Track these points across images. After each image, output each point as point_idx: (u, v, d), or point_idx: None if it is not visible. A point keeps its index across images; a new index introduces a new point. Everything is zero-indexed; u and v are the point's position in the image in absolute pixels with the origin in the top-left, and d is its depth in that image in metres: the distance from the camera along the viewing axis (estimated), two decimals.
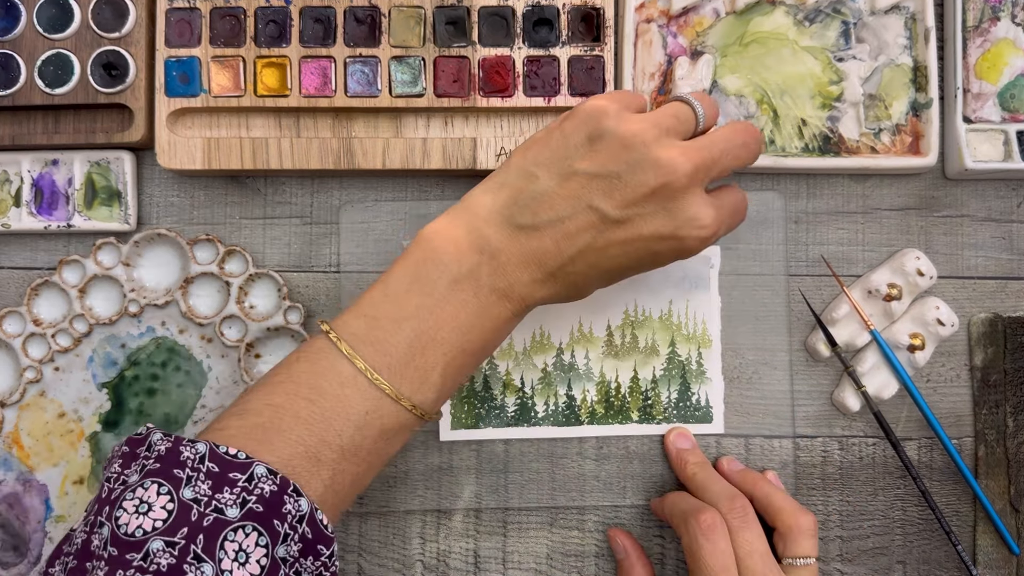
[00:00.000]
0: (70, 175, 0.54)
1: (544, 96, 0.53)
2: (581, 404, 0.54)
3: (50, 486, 0.54)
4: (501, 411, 0.54)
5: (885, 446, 0.55)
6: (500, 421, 0.54)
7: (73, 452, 0.54)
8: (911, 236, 0.56)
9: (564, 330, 0.54)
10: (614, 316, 0.54)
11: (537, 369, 0.54)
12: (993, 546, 0.54)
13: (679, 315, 0.54)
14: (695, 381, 0.54)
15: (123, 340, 0.54)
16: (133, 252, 0.54)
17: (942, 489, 0.55)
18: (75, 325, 0.54)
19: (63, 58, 0.53)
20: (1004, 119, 0.54)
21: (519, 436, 0.54)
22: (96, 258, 0.54)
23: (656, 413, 0.54)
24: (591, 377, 0.54)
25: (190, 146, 0.52)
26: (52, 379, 0.54)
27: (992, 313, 0.55)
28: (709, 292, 0.54)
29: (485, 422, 0.54)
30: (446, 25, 0.53)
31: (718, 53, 0.54)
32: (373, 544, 0.54)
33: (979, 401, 0.55)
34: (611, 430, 0.54)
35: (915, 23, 0.54)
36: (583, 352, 0.54)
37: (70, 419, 0.54)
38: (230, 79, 0.53)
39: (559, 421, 0.54)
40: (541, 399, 0.54)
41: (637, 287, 0.54)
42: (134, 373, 0.54)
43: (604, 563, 0.54)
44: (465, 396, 0.54)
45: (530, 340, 0.54)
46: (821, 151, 0.54)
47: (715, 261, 0.54)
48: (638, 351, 0.54)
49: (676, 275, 0.54)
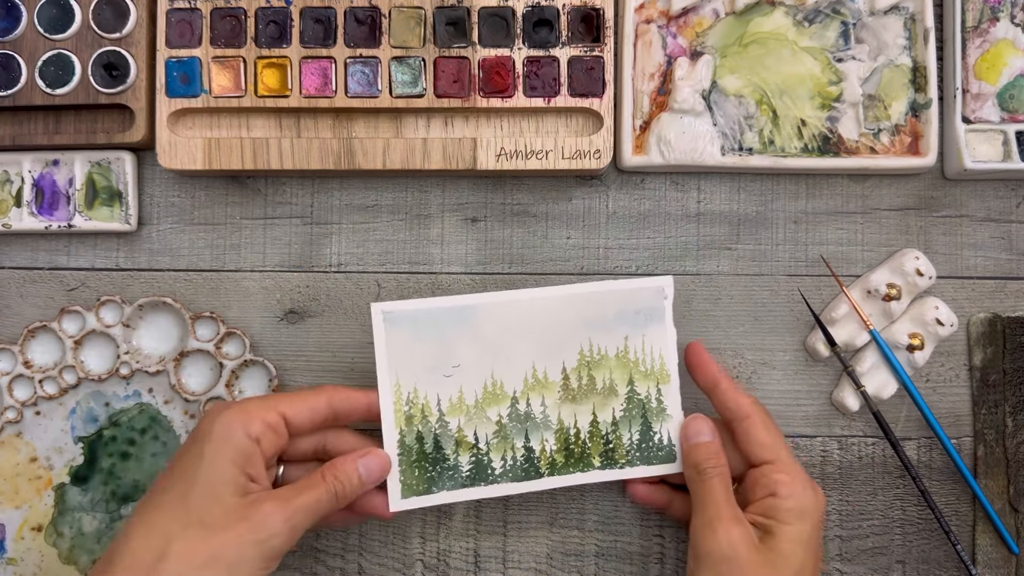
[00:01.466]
0: (71, 175, 0.54)
1: (544, 96, 0.53)
2: (540, 455, 0.51)
3: (8, 527, 0.54)
4: (455, 471, 0.50)
5: (884, 446, 0.55)
6: (455, 483, 0.50)
7: (37, 498, 0.54)
8: (910, 236, 0.56)
9: (517, 377, 0.50)
10: (569, 357, 0.51)
11: (491, 422, 0.50)
12: (992, 546, 0.54)
13: (636, 351, 0.51)
14: (656, 419, 0.51)
15: (108, 399, 0.54)
16: (135, 314, 0.54)
17: (941, 489, 0.55)
18: (64, 375, 0.54)
19: (64, 58, 0.53)
20: (1003, 119, 0.55)
21: (475, 497, 0.50)
22: (98, 313, 0.54)
23: (619, 457, 0.51)
24: (549, 425, 0.51)
25: (191, 146, 0.52)
26: (31, 422, 0.54)
27: (991, 313, 0.55)
28: (664, 325, 0.51)
29: (438, 485, 0.50)
30: (446, 26, 0.53)
31: (718, 54, 0.54)
32: (373, 543, 0.55)
33: (978, 401, 0.55)
34: (572, 479, 0.51)
35: (914, 23, 0.55)
36: (539, 399, 0.51)
37: (41, 465, 0.54)
38: (231, 79, 0.53)
39: (518, 476, 0.50)
40: (498, 454, 0.50)
41: (590, 325, 0.51)
42: (112, 434, 0.54)
43: (604, 562, 0.55)
44: (415, 460, 0.49)
45: (482, 391, 0.50)
46: (820, 151, 0.54)
47: (668, 292, 0.51)
48: (596, 392, 0.51)
49: (629, 310, 0.51)
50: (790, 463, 0.48)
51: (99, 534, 0.54)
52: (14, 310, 0.55)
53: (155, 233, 0.55)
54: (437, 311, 0.50)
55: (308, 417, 0.47)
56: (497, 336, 0.50)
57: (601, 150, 0.53)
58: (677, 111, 0.53)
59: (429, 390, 0.50)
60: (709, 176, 0.56)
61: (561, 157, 0.52)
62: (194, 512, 0.43)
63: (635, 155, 0.54)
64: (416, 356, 0.49)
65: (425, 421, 0.50)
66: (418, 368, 0.49)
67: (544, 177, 0.56)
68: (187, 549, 0.42)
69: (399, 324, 0.49)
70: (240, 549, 0.42)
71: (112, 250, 0.55)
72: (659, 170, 0.55)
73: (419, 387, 0.50)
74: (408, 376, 0.49)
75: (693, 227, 0.56)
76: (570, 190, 0.56)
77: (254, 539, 0.43)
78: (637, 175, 0.56)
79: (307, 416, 0.47)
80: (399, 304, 0.50)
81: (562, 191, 0.56)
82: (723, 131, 0.54)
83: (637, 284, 0.51)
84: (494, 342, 0.50)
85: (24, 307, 0.55)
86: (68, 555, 0.54)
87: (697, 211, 0.56)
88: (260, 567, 0.43)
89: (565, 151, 0.53)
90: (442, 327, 0.50)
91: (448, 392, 0.50)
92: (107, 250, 0.55)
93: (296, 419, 0.46)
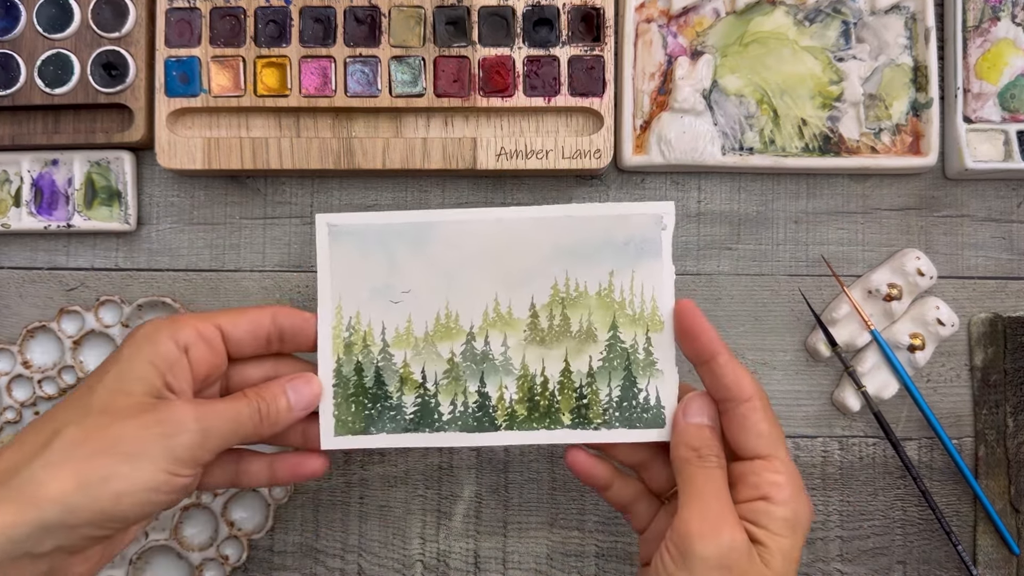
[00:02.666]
0: (70, 175, 0.54)
1: (544, 96, 0.53)
2: (497, 404, 0.44)
3: None
4: (398, 412, 0.44)
5: (885, 446, 0.55)
6: (396, 425, 0.44)
7: None
8: (911, 236, 0.56)
9: (476, 309, 0.44)
10: (539, 292, 0.44)
11: (442, 359, 0.44)
12: (993, 546, 0.54)
13: (622, 290, 0.44)
14: (642, 374, 0.44)
15: None
16: (134, 315, 0.54)
17: (942, 489, 0.55)
18: (63, 375, 0.53)
19: (63, 58, 0.53)
20: (1004, 119, 0.54)
21: (419, 444, 0.44)
22: (97, 313, 0.53)
23: (593, 416, 0.44)
24: (510, 370, 0.44)
25: (190, 146, 0.52)
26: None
27: (992, 313, 0.55)
28: (661, 260, 0.44)
29: (377, 426, 0.44)
30: (446, 25, 0.53)
31: (718, 53, 0.54)
32: (373, 544, 0.54)
33: (979, 401, 0.55)
34: (535, 437, 0.44)
35: (915, 23, 0.54)
36: (500, 338, 0.44)
37: None
38: (230, 79, 0.53)
39: (469, 426, 0.44)
40: (447, 397, 0.44)
41: (568, 255, 0.44)
42: None
43: (605, 563, 0.54)
44: (352, 394, 0.44)
45: (433, 323, 0.44)
46: (821, 151, 0.54)
47: (668, 221, 0.44)
48: (570, 336, 0.44)
49: (618, 239, 0.44)
50: (787, 463, 0.41)
51: None
52: (13, 310, 0.55)
53: (154, 233, 0.55)
54: (389, 227, 0.44)
55: (248, 331, 0.42)
56: (455, 260, 0.44)
57: (601, 150, 0.52)
58: (678, 111, 0.53)
59: (374, 316, 0.44)
60: (709, 176, 0.56)
61: (561, 157, 0.52)
62: (97, 401, 0.38)
63: (635, 155, 0.54)
64: (362, 277, 0.44)
65: (367, 351, 0.44)
66: (363, 291, 0.44)
67: (544, 177, 0.55)
68: (80, 435, 0.37)
69: (346, 239, 0.44)
70: (142, 441, 0.37)
71: (111, 250, 0.55)
72: (659, 170, 0.55)
73: (363, 312, 0.44)
74: (352, 299, 0.44)
75: (693, 227, 0.55)
76: (570, 190, 0.56)
77: (160, 432, 0.38)
78: (637, 175, 0.56)
79: (246, 330, 0.42)
80: (347, 216, 0.44)
81: (562, 191, 0.56)
82: (724, 131, 0.54)
83: (629, 208, 0.44)
84: (451, 267, 0.44)
85: (23, 307, 0.55)
86: None
87: (697, 211, 0.56)
88: (165, 467, 0.38)
89: (565, 151, 0.52)
90: (393, 246, 0.44)
91: (395, 321, 0.44)
92: (106, 250, 0.55)
93: (234, 333, 0.42)
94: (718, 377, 0.42)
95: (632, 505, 0.46)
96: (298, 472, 0.45)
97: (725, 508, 0.40)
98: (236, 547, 0.52)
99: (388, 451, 0.54)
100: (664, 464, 0.45)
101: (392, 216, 0.44)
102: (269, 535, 0.54)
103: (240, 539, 0.52)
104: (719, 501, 0.40)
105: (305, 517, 0.54)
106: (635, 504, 0.46)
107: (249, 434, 0.41)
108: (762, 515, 0.40)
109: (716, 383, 0.42)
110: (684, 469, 0.41)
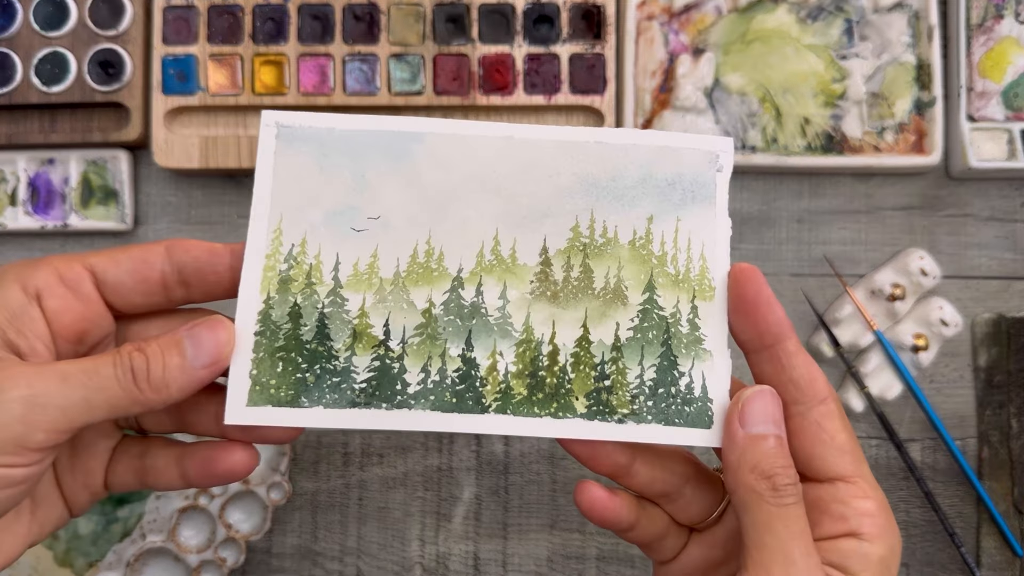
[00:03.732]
0: (66, 174, 0.54)
1: (544, 94, 0.53)
2: (487, 376, 0.32)
3: None
4: (344, 378, 0.32)
5: (889, 447, 0.55)
6: (339, 396, 0.31)
7: None
8: (915, 236, 0.55)
9: (468, 248, 0.33)
10: (554, 234, 0.33)
11: (415, 310, 0.32)
12: (997, 548, 0.54)
13: (663, 241, 0.34)
14: (685, 353, 0.33)
15: None
16: None
17: (946, 491, 0.55)
18: None
19: (59, 56, 0.52)
20: (1008, 118, 0.54)
21: (371, 426, 0.31)
22: None
23: (617, 403, 0.32)
24: (508, 331, 0.33)
25: (187, 145, 0.52)
26: None
27: (996, 313, 0.55)
28: (714, 209, 0.34)
29: (312, 396, 0.31)
30: (446, 22, 0.53)
31: (720, 51, 0.54)
32: (372, 546, 0.54)
33: (983, 402, 0.55)
34: (536, 427, 0.32)
35: (918, 21, 0.54)
36: (497, 288, 0.33)
37: None
38: (227, 77, 0.52)
39: (445, 403, 0.32)
40: (417, 362, 0.32)
41: (595, 189, 0.34)
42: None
43: (605, 566, 0.54)
44: (281, 347, 0.32)
45: (407, 261, 0.33)
46: (824, 150, 0.54)
47: (724, 161, 0.34)
48: (592, 295, 0.33)
49: (660, 177, 0.34)
50: (875, 485, 0.32)
51: (95, 536, 0.54)
52: None
53: (151, 232, 0.55)
54: (359, 134, 0.33)
55: (132, 272, 0.31)
56: (444, 184, 0.33)
57: None
58: (679, 109, 0.53)
59: (326, 246, 0.33)
60: None
61: None
62: None
63: None
64: (315, 193, 0.33)
65: (310, 290, 0.32)
66: (314, 210, 0.33)
67: None
68: None
69: (298, 144, 0.33)
70: None
71: None
72: None
73: (311, 239, 0.33)
74: (297, 220, 0.33)
75: None
76: None
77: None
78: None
79: (129, 271, 0.31)
80: (304, 116, 0.33)
81: None
82: (726, 129, 0.54)
83: (677, 140, 0.34)
84: (438, 192, 0.33)
85: None
86: (64, 558, 0.54)
87: None
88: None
89: None
90: (363, 158, 0.33)
91: (354, 254, 0.33)
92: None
93: (112, 275, 0.31)
94: (785, 369, 0.32)
95: (658, 542, 0.36)
96: (211, 470, 0.32)
97: (811, 564, 0.29)
98: (234, 549, 0.52)
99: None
100: (699, 492, 0.35)
101: (365, 120, 0.33)
102: (267, 537, 0.54)
103: (238, 541, 0.52)
104: (805, 556, 0.29)
105: (303, 519, 0.54)
106: (662, 541, 0.36)
107: (121, 403, 0.29)
108: (852, 557, 0.30)
109: (780, 377, 0.32)
110: (754, 506, 0.30)
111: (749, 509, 0.30)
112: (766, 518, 0.30)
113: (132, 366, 0.29)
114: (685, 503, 0.35)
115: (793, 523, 0.29)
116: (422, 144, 0.33)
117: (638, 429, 0.32)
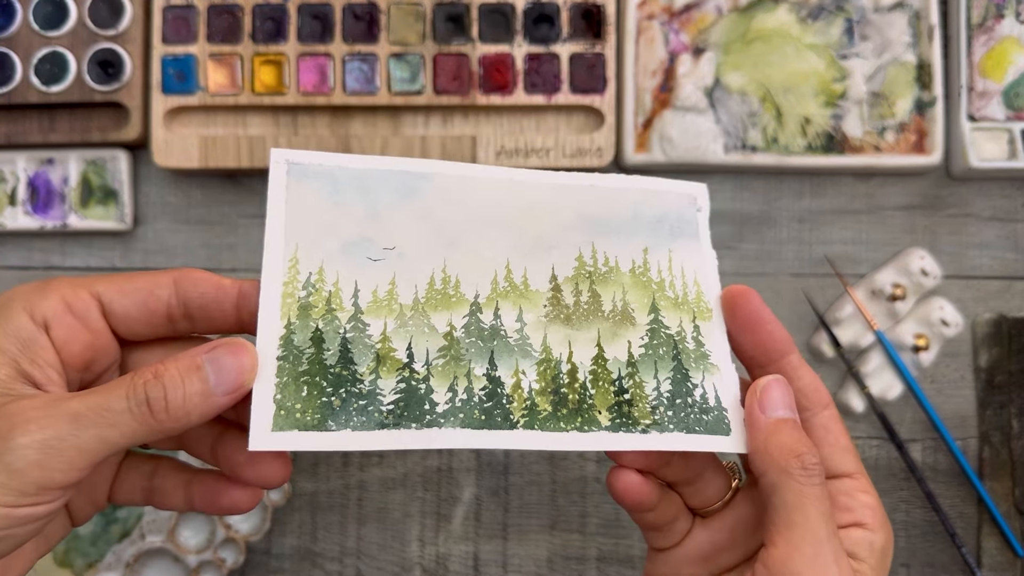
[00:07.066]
0: (66, 174, 0.54)
1: (545, 93, 0.52)
2: (513, 394, 0.33)
3: None
4: (371, 401, 0.31)
5: (889, 448, 0.54)
6: (368, 419, 0.31)
7: None
8: (915, 235, 0.55)
9: (483, 275, 0.34)
10: (561, 263, 0.35)
11: (436, 334, 0.33)
12: (997, 548, 0.54)
13: (660, 269, 0.36)
14: (695, 367, 0.35)
15: None
16: None
17: (946, 491, 0.54)
18: None
19: (59, 56, 0.52)
20: (1009, 117, 0.54)
21: (403, 446, 0.31)
22: None
23: (640, 415, 0.33)
24: (528, 351, 0.33)
25: (186, 144, 0.52)
26: None
27: (997, 314, 0.55)
28: (699, 242, 0.37)
29: (339, 419, 0.31)
30: (446, 22, 0.52)
31: (721, 50, 0.54)
32: (371, 547, 0.54)
33: (984, 402, 0.54)
34: (566, 440, 0.32)
35: (919, 20, 0.54)
36: (514, 312, 0.34)
37: None
38: (227, 76, 0.52)
39: (474, 420, 0.32)
40: (443, 382, 0.32)
41: (594, 225, 0.36)
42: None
43: (606, 566, 0.54)
44: (305, 372, 0.31)
45: (425, 288, 0.33)
46: (825, 149, 0.54)
47: (702, 203, 0.37)
48: (601, 316, 0.35)
49: (650, 215, 0.36)
50: (870, 482, 0.34)
51: (94, 537, 0.53)
52: None
53: (151, 232, 0.55)
54: (369, 172, 0.34)
55: (138, 304, 0.31)
56: (456, 217, 0.35)
57: (603, 148, 0.52)
58: (680, 108, 0.53)
59: (344, 273, 0.33)
60: (712, 174, 0.55)
61: (562, 155, 0.52)
62: None
63: (637, 153, 0.53)
64: (330, 223, 0.33)
65: (331, 316, 0.32)
66: (331, 240, 0.33)
67: None
68: None
69: (309, 180, 0.34)
70: None
71: (107, 249, 0.55)
72: (661, 168, 0.54)
73: (328, 267, 0.33)
74: (313, 248, 0.33)
75: None
76: None
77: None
78: (639, 173, 0.55)
79: (136, 302, 0.31)
80: (314, 155, 0.34)
81: None
82: (726, 129, 0.53)
83: (658, 184, 0.37)
84: (450, 226, 0.34)
85: None
86: (63, 558, 0.54)
87: None
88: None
89: (566, 149, 0.52)
90: (374, 192, 0.34)
91: (373, 281, 0.33)
92: (102, 249, 0.55)
93: (120, 306, 0.31)
94: (792, 381, 0.34)
95: (669, 525, 0.37)
96: (216, 501, 0.33)
97: (836, 544, 0.31)
98: (233, 550, 0.52)
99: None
100: (714, 477, 0.36)
101: (373, 160, 0.34)
102: (266, 538, 0.54)
103: (237, 542, 0.52)
104: (832, 536, 0.31)
105: (303, 520, 0.54)
106: (673, 524, 0.37)
107: (138, 434, 0.28)
108: (860, 546, 0.33)
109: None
110: (783, 487, 0.31)
111: (779, 489, 0.31)
112: (797, 498, 0.31)
113: (147, 396, 0.28)
114: (703, 486, 0.36)
115: (822, 504, 0.31)
116: (430, 183, 0.35)
117: (661, 438, 0.33)
